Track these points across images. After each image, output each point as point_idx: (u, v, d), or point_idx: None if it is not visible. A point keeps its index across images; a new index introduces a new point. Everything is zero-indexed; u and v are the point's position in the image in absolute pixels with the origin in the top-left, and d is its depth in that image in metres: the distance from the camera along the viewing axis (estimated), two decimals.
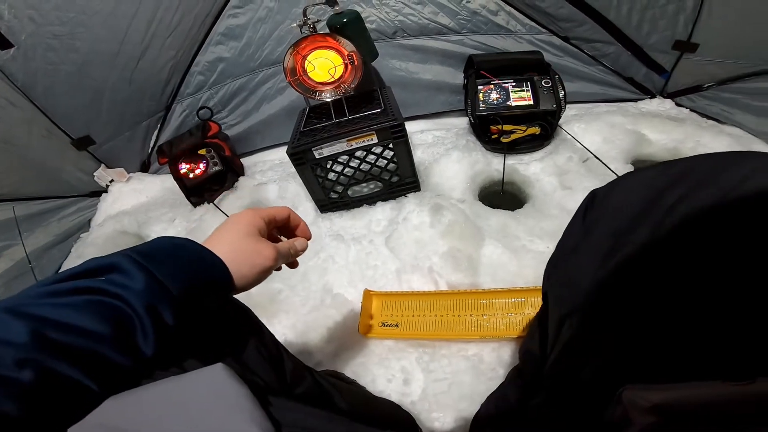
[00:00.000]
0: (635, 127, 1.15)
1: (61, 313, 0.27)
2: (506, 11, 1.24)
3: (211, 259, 0.37)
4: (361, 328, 0.80)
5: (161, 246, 0.36)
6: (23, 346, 0.25)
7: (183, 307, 0.33)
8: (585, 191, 0.96)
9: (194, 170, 1.31)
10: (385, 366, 0.77)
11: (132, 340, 0.30)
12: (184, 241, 0.37)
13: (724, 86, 1.19)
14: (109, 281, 0.31)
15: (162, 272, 0.33)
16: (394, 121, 0.96)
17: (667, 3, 1.11)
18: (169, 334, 0.32)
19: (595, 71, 1.33)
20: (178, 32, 1.22)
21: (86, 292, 0.30)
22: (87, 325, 0.28)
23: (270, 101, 1.40)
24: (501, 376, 0.72)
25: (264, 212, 0.44)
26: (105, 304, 0.29)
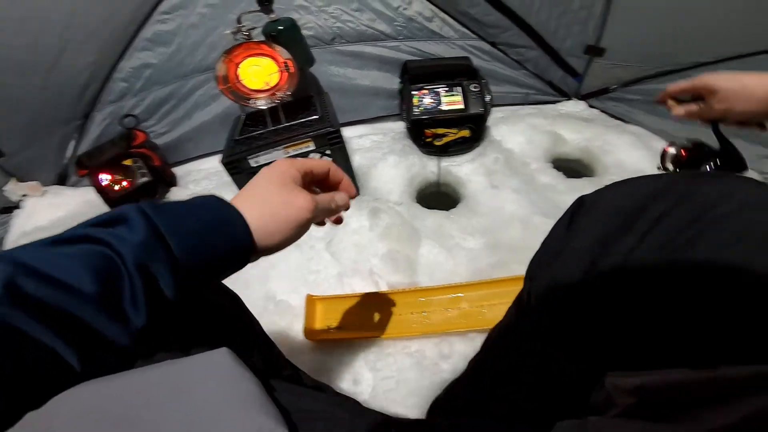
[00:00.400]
0: (553, 127, 1.26)
1: (46, 261, 0.23)
2: (440, 18, 1.30)
3: (229, 216, 0.31)
4: (306, 333, 0.81)
5: (180, 200, 0.31)
6: None
7: (187, 273, 0.28)
8: (510, 190, 1.05)
9: (119, 182, 1.22)
10: (334, 368, 0.78)
11: (119, 305, 0.25)
12: (208, 196, 0.32)
13: (627, 88, 1.34)
14: (111, 233, 0.26)
15: (167, 225, 0.28)
16: (331, 128, 0.98)
17: (579, 9, 1.23)
18: (165, 304, 0.27)
19: (519, 75, 1.44)
20: (98, 38, 1.14)
21: (83, 240, 0.26)
22: (69, 279, 0.23)
23: (203, 108, 1.35)
24: (444, 370, 0.76)
25: (300, 163, 0.38)
26: (97, 256, 0.25)
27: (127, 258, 0.25)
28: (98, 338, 0.24)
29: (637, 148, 1.16)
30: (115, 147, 1.25)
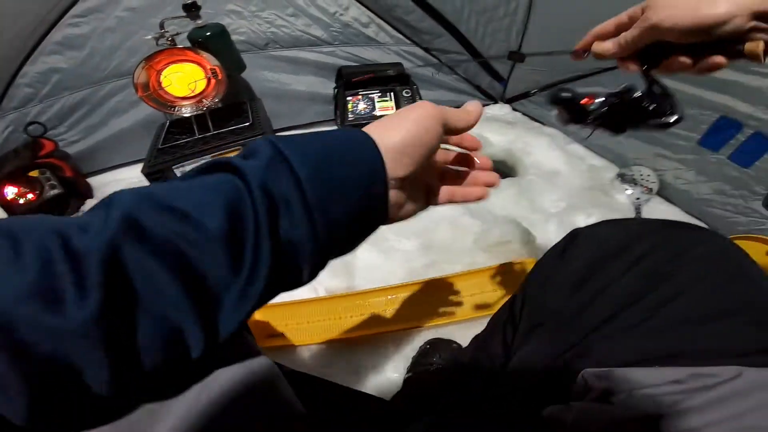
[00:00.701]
0: (481, 131, 1.34)
1: (171, 189, 0.21)
2: (376, 24, 1.32)
3: (355, 135, 0.27)
4: None
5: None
6: (105, 229, 0.19)
7: (316, 203, 0.23)
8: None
9: (25, 195, 1.11)
10: None
11: (241, 245, 0.21)
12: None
13: (544, 92, 1.46)
14: (243, 162, 0.23)
15: (288, 147, 0.24)
16: (262, 135, 0.96)
17: (503, 17, 1.31)
18: (288, 251, 0.23)
19: (451, 80, 1.51)
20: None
21: (215, 169, 0.23)
22: (193, 211, 0.20)
23: (121, 115, 1.25)
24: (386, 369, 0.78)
25: (447, 114, 0.31)
26: (226, 184, 0.22)
27: (252, 180, 0.22)
28: (217, 297, 0.21)
29: (552, 149, 1.28)
30: (18, 157, 1.13)
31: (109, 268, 0.18)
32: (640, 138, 1.20)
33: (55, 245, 0.18)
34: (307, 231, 0.24)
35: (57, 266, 0.18)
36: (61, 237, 0.18)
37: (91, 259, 0.18)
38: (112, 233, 0.19)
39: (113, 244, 0.19)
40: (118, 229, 0.19)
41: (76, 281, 0.18)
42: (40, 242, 0.18)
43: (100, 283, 0.18)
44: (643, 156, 1.21)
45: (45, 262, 0.18)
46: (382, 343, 0.83)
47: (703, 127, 1.06)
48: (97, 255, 0.18)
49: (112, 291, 0.18)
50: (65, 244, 0.18)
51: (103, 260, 0.18)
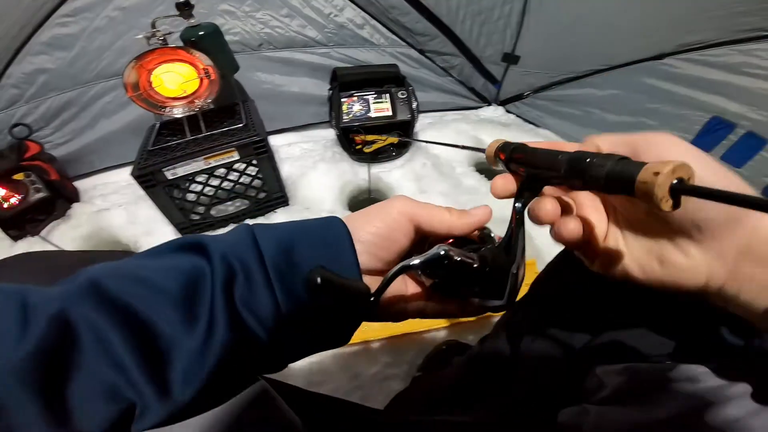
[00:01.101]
0: (476, 133, 1.34)
1: (139, 262, 0.23)
2: (371, 25, 1.31)
3: (325, 220, 0.28)
4: None
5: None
6: (65, 292, 0.20)
7: (276, 270, 0.24)
8: (438, 194, 1.10)
9: (9, 198, 1.07)
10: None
11: (195, 304, 0.22)
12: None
13: (537, 94, 1.46)
14: (211, 238, 0.25)
15: (262, 228, 0.26)
16: (256, 137, 0.94)
17: (498, 18, 1.32)
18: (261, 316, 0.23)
19: (445, 82, 1.50)
20: None
21: (186, 248, 0.24)
22: (153, 276, 0.22)
23: (110, 117, 1.22)
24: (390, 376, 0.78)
25: (419, 214, 0.30)
26: (190, 256, 0.23)
27: (214, 252, 0.23)
28: (162, 353, 0.21)
29: None
30: (3, 159, 1.09)
31: (55, 320, 0.19)
32: None
33: (12, 300, 0.20)
34: (267, 300, 0.24)
35: (7, 314, 0.19)
36: (21, 294, 0.20)
37: (40, 311, 0.19)
38: (68, 292, 0.21)
39: (67, 300, 0.20)
40: (78, 289, 0.21)
41: (19, 325, 0.19)
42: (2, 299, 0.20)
43: (42, 330, 0.19)
44: None
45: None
46: (385, 347, 0.81)
47: (695, 128, 1.07)
48: (46, 307, 0.20)
49: (53, 340, 0.19)
50: (23, 299, 0.20)
51: (51, 313, 0.19)
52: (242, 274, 0.23)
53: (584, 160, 0.22)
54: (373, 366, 0.82)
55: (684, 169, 0.18)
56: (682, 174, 0.18)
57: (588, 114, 1.31)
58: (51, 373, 0.19)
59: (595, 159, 0.21)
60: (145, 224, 1.05)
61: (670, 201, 0.18)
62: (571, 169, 0.23)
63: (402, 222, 0.29)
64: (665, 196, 0.18)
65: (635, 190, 0.19)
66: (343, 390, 0.79)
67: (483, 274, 0.28)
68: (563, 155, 0.24)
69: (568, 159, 0.23)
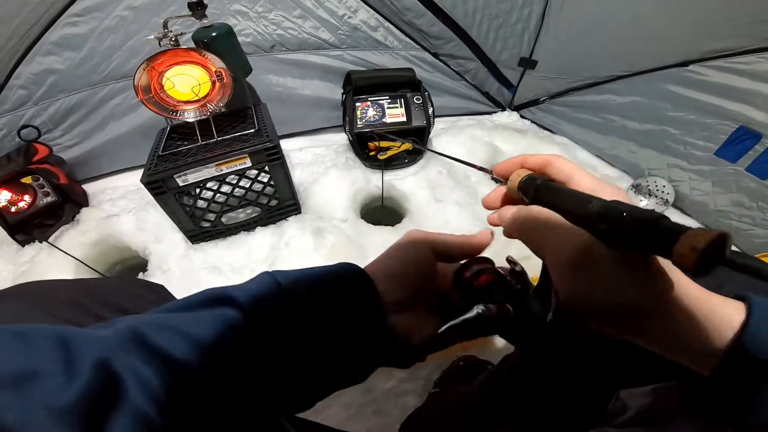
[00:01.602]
0: (491, 139, 1.31)
1: (173, 314, 0.25)
2: (385, 27, 1.28)
3: (347, 267, 0.31)
4: None
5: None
6: (107, 339, 0.22)
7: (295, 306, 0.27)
8: (453, 203, 1.07)
9: (17, 203, 1.05)
10: None
11: (228, 348, 0.24)
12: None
13: (554, 100, 1.43)
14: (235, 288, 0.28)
15: (282, 273, 0.28)
16: (269, 143, 0.92)
17: (516, 22, 1.29)
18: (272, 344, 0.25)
19: (459, 86, 1.47)
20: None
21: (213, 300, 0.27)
22: (187, 326, 0.24)
23: (119, 119, 1.20)
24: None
25: (436, 241, 0.34)
26: (220, 311, 0.26)
27: (239, 297, 0.26)
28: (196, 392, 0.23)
29: None
30: (11, 163, 1.08)
31: (99, 366, 0.20)
32: (654, 148, 1.18)
33: (54, 342, 0.20)
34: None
35: (51, 357, 0.20)
36: (62, 336, 0.21)
37: (85, 356, 0.20)
38: (109, 339, 0.22)
39: (109, 347, 0.21)
40: (117, 335, 0.22)
41: (64, 370, 0.19)
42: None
43: (88, 376, 0.19)
44: (657, 166, 1.18)
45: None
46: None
47: (721, 137, 1.04)
48: (89, 352, 0.20)
49: (98, 385, 0.20)
50: (66, 343, 0.20)
51: (94, 359, 0.20)
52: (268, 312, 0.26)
53: (621, 213, 0.21)
54: (389, 380, 0.79)
55: (721, 241, 0.18)
56: (716, 248, 0.18)
57: (608, 121, 1.27)
58: (94, 418, 0.19)
59: (632, 216, 0.21)
60: (154, 231, 1.03)
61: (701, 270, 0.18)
62: (604, 221, 0.22)
63: (422, 250, 0.32)
64: (699, 268, 0.18)
65: (672, 258, 0.19)
66: (358, 404, 0.76)
67: (518, 322, 0.29)
68: (594, 203, 0.23)
69: (600, 209, 0.23)
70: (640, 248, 0.21)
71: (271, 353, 0.25)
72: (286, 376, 0.26)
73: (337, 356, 0.28)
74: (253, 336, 0.25)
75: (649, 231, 0.20)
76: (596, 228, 0.23)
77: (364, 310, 0.29)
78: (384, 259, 0.32)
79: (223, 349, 0.24)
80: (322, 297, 0.28)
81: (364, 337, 0.28)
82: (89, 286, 0.43)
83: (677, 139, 1.12)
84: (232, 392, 0.24)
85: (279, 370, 0.25)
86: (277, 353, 0.25)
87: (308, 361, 0.26)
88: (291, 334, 0.26)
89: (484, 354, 0.81)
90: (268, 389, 0.25)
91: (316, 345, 0.27)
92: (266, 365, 0.25)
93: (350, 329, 0.28)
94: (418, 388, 0.79)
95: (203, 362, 0.23)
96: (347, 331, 0.28)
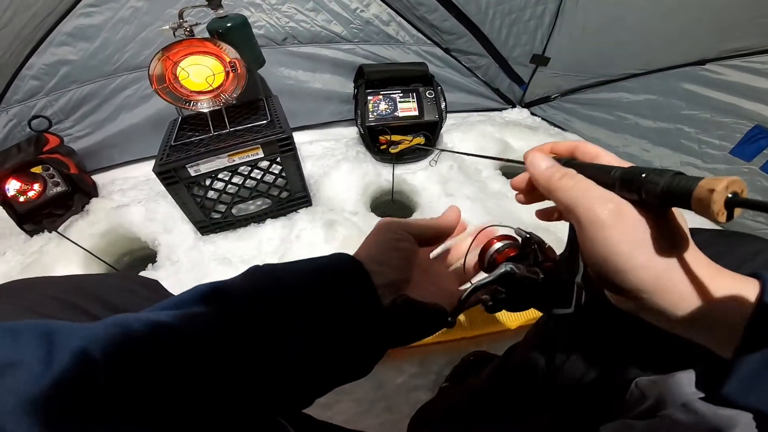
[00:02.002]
0: (501, 135, 1.30)
1: (168, 313, 0.24)
2: (397, 22, 1.28)
3: (334, 256, 0.30)
4: None
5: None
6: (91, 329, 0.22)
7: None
8: (464, 197, 1.06)
9: (26, 192, 1.05)
10: None
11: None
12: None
13: (565, 97, 1.42)
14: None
15: (269, 266, 0.29)
16: (282, 134, 0.91)
17: (529, 19, 1.28)
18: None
19: (470, 82, 1.46)
20: (7, 31, 0.98)
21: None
22: (173, 320, 0.24)
23: (131, 110, 1.20)
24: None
25: (409, 223, 0.35)
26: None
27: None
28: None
29: None
30: (21, 153, 1.08)
31: (78, 355, 0.20)
32: (668, 146, 1.17)
33: (38, 334, 0.20)
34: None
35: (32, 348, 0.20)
36: (47, 329, 0.21)
37: (65, 347, 0.20)
38: (93, 329, 0.21)
39: (92, 338, 0.21)
40: (105, 327, 0.22)
41: (43, 360, 0.19)
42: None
43: (65, 365, 0.19)
44: (670, 164, 1.17)
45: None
46: (411, 357, 0.78)
47: (737, 136, 1.03)
48: (70, 342, 0.20)
49: (74, 374, 0.19)
50: (50, 335, 0.20)
51: (74, 348, 0.20)
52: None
53: (639, 175, 0.23)
54: (399, 376, 0.79)
55: (737, 184, 0.19)
56: (735, 188, 0.19)
57: (621, 119, 1.26)
58: (65, 404, 0.18)
59: (650, 175, 0.22)
60: (164, 222, 1.02)
61: (725, 213, 0.19)
62: (625, 184, 0.24)
63: (396, 231, 0.33)
64: (721, 210, 0.19)
65: (692, 205, 0.20)
66: (368, 400, 0.76)
67: (548, 287, 0.30)
68: (615, 170, 0.25)
69: (622, 174, 0.24)
70: (662, 203, 0.22)
71: (265, 347, 0.24)
72: (282, 372, 0.25)
73: (335, 347, 0.27)
74: (246, 330, 0.24)
75: (674, 184, 0.21)
76: (621, 194, 0.24)
77: (359, 296, 0.28)
78: (365, 248, 0.32)
79: (214, 344, 0.23)
80: (314, 287, 0.27)
81: (363, 324, 0.28)
82: (76, 282, 0.42)
83: (692, 137, 1.11)
84: (225, 390, 0.23)
85: (274, 366, 0.25)
86: (272, 347, 0.25)
87: (305, 355, 0.25)
88: (286, 327, 0.25)
89: (495, 349, 0.80)
90: (264, 387, 0.25)
91: (313, 337, 0.26)
92: (260, 360, 0.24)
93: (347, 317, 0.27)
94: (429, 383, 0.78)
95: (191, 357, 0.22)
96: (344, 319, 0.27)
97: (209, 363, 0.23)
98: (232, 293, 0.25)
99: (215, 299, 0.25)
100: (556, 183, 0.27)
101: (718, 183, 0.19)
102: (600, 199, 0.25)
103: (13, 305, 0.35)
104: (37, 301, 0.36)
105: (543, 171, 0.29)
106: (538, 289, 0.30)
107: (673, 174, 0.22)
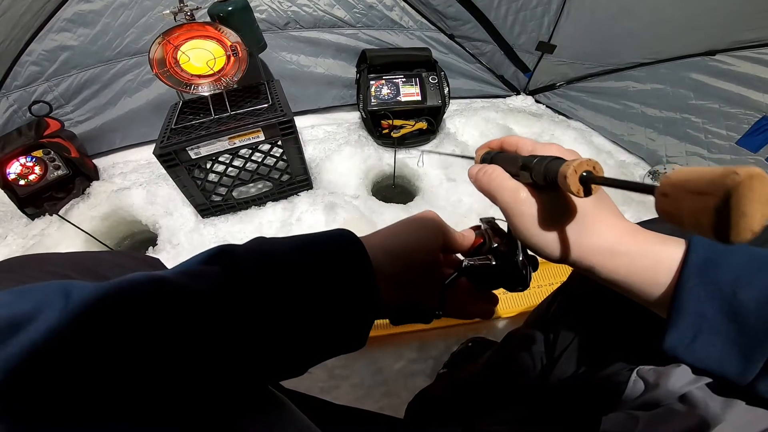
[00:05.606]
0: (505, 122, 1.29)
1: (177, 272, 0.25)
2: (400, 6, 1.26)
3: (336, 234, 0.30)
4: None
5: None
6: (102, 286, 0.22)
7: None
8: (466, 183, 1.05)
9: (27, 175, 1.05)
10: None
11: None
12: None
13: (570, 85, 1.40)
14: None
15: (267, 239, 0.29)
16: (283, 117, 0.90)
17: (536, 6, 1.26)
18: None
19: (474, 69, 1.45)
20: (8, 17, 0.97)
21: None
22: (173, 277, 0.24)
23: (132, 95, 1.20)
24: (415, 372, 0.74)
25: (448, 230, 0.36)
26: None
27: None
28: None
29: (579, 143, 1.22)
30: (22, 137, 1.07)
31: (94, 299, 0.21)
32: (674, 135, 1.15)
33: (57, 291, 0.22)
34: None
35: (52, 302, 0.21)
36: (64, 287, 0.22)
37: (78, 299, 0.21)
38: (105, 286, 0.22)
39: (103, 291, 0.22)
40: (117, 283, 0.23)
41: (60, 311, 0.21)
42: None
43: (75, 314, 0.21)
44: (676, 154, 1.16)
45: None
46: (410, 342, 0.78)
47: (744, 127, 1.01)
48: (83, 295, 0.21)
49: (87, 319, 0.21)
50: (66, 292, 0.22)
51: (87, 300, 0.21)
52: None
53: (532, 161, 0.26)
54: (398, 361, 0.79)
55: (588, 164, 0.22)
56: (586, 168, 0.21)
57: (627, 108, 1.24)
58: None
59: (537, 162, 0.25)
60: (165, 205, 1.02)
61: (581, 189, 0.22)
62: (525, 171, 0.27)
63: (436, 233, 0.34)
64: (578, 187, 0.22)
65: (559, 184, 0.23)
66: (367, 385, 0.76)
67: (503, 269, 0.33)
68: (519, 159, 0.28)
69: (522, 162, 0.27)
70: (547, 185, 0.25)
71: (258, 305, 0.25)
72: (275, 331, 0.25)
73: (325, 313, 0.27)
74: (242, 290, 0.24)
75: (547, 167, 0.24)
76: (525, 179, 0.27)
77: (353, 263, 0.29)
78: (387, 236, 0.33)
79: (212, 299, 0.23)
80: (309, 264, 0.27)
81: (353, 304, 0.28)
82: (75, 258, 0.42)
83: (698, 127, 1.10)
84: (220, 347, 0.23)
85: (268, 325, 0.25)
86: (265, 306, 0.25)
87: (296, 316, 0.26)
88: (278, 287, 0.25)
89: (493, 335, 0.80)
90: (257, 347, 0.25)
91: (304, 300, 0.26)
92: (255, 318, 0.24)
93: (337, 295, 0.27)
94: (427, 369, 0.78)
95: (189, 309, 0.23)
96: (335, 297, 0.27)
97: (207, 316, 0.23)
98: (235, 254, 0.26)
99: (220, 259, 0.26)
100: (480, 179, 0.30)
101: (571, 163, 0.21)
102: (508, 189, 0.28)
103: (12, 280, 0.35)
104: (36, 277, 0.36)
105: (470, 169, 0.33)
106: (495, 273, 0.34)
107: (551, 159, 0.24)
